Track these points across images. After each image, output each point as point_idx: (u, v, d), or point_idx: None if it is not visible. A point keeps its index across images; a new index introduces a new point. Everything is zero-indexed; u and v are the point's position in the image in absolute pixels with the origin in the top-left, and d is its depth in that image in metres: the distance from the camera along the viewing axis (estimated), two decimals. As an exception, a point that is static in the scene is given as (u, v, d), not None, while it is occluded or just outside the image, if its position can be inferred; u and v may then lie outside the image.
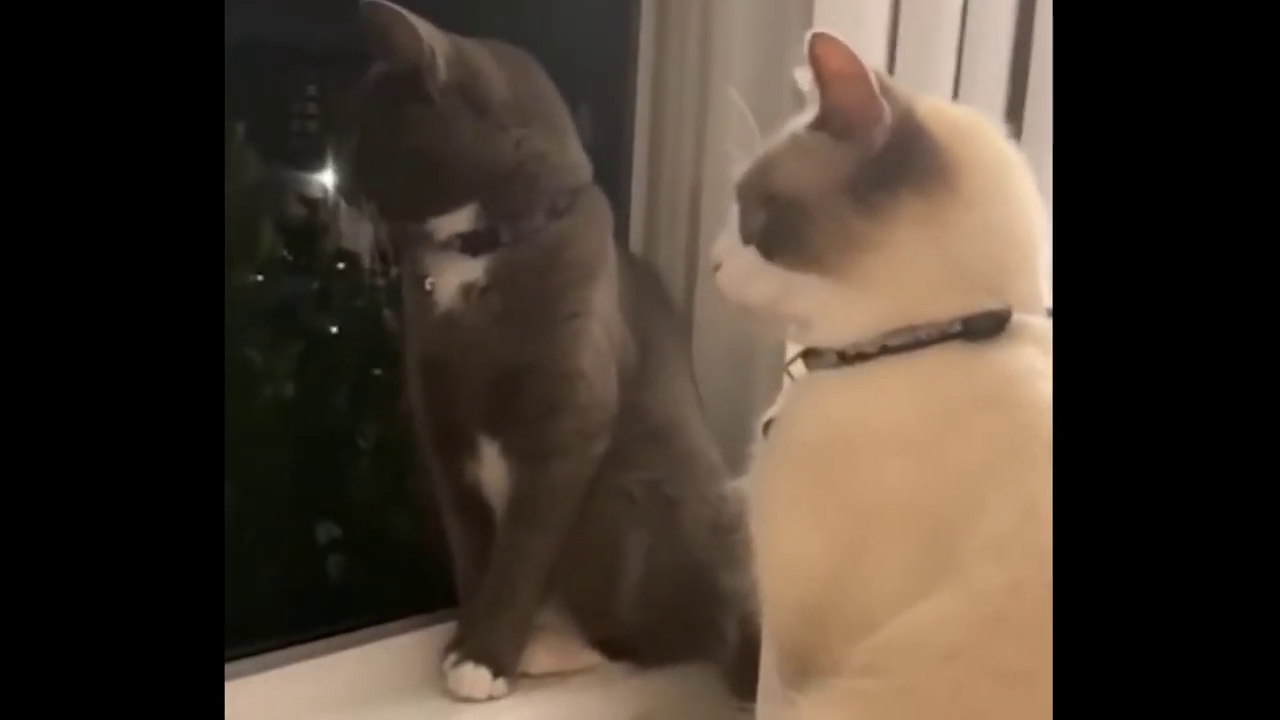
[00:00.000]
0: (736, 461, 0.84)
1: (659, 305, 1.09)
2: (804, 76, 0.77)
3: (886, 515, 0.73)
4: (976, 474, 0.70)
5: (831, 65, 0.73)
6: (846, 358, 0.75)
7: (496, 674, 0.98)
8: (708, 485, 1.02)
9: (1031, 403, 0.69)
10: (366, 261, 1.13)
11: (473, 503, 1.03)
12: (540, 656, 1.03)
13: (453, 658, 0.99)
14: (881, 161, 0.73)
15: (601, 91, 1.05)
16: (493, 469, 1.01)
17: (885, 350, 0.74)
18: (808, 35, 0.72)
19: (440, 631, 1.07)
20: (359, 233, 1.17)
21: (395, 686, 1.03)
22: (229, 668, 0.98)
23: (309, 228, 1.23)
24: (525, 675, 1.02)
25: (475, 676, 0.98)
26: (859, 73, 0.72)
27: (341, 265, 1.22)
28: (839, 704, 0.72)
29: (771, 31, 1.11)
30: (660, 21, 1.19)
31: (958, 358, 0.72)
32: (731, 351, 1.13)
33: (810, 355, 0.78)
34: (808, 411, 0.78)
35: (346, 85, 0.98)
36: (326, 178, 1.20)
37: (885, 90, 0.73)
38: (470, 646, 0.99)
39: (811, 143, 0.75)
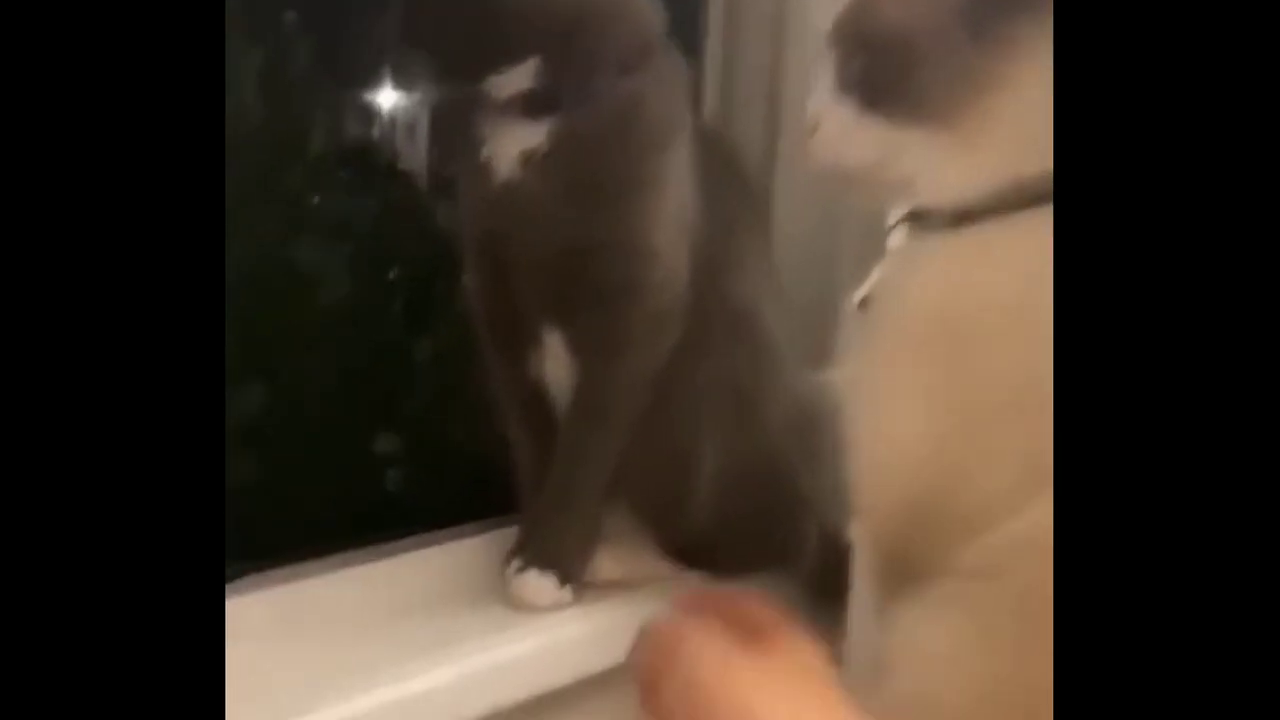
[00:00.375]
0: (820, 354, 0.77)
1: (734, 181, 1.00)
2: None
3: (1008, 397, 0.66)
4: None
5: None
6: (960, 218, 0.67)
7: (562, 581, 0.93)
8: (788, 379, 0.95)
9: None
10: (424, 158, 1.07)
11: (535, 402, 0.97)
12: (608, 565, 0.98)
13: (515, 564, 0.94)
14: None
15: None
16: (557, 363, 0.95)
17: (1006, 207, 0.66)
18: None
19: (502, 537, 1.02)
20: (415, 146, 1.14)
21: (456, 594, 0.98)
22: (284, 572, 0.95)
23: (367, 144, 1.20)
24: (592, 585, 0.96)
25: (539, 584, 0.93)
26: None
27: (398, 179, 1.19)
28: (948, 607, 0.67)
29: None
30: None
31: None
32: (815, 233, 1.05)
33: (915, 220, 0.71)
34: (916, 283, 0.70)
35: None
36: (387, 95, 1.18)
37: None
38: (533, 552, 0.94)
39: None
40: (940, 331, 0.69)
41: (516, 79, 0.88)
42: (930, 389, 0.69)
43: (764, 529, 0.98)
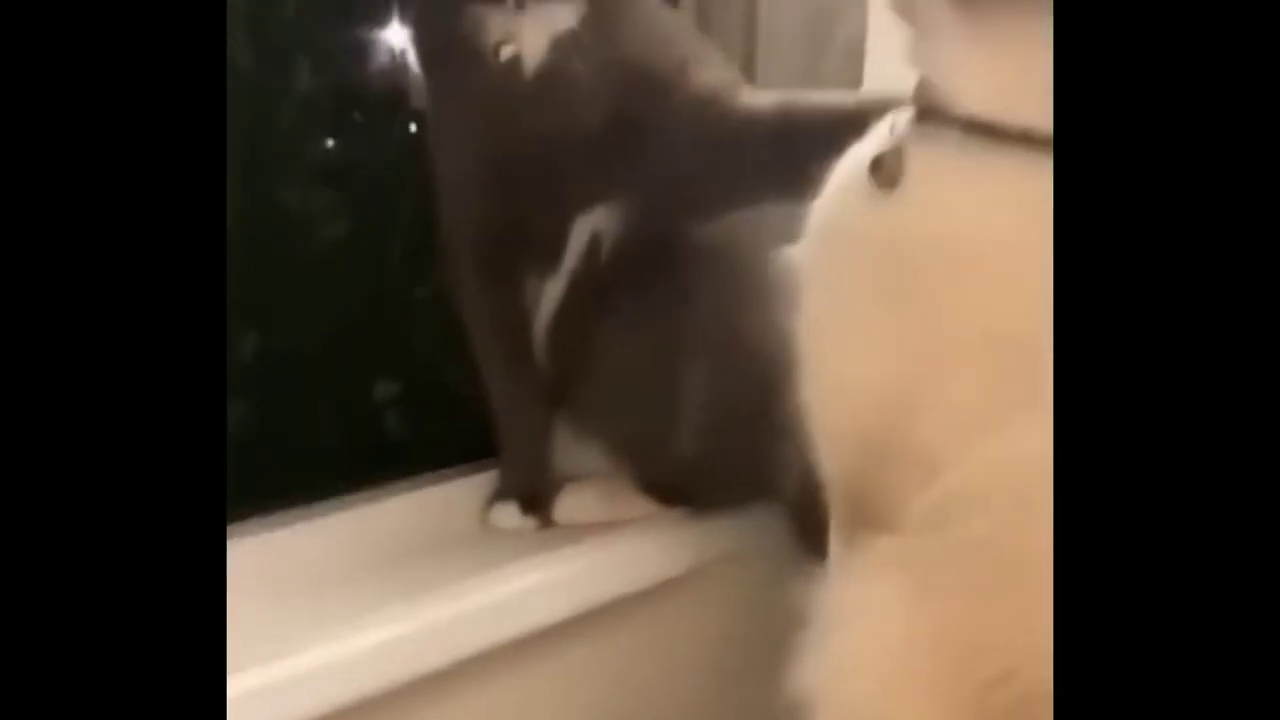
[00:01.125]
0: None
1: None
2: None
3: (964, 340, 0.64)
4: None
5: None
6: (971, 128, 0.64)
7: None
8: (768, 314, 0.94)
9: None
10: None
11: (520, 339, 0.99)
12: (589, 505, 0.99)
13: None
14: None
15: None
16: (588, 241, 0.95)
17: (1015, 141, 0.62)
18: None
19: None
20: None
21: (444, 533, 1.01)
22: (281, 516, 0.97)
23: (364, 83, 1.17)
24: (574, 524, 0.98)
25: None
26: None
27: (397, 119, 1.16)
28: (894, 566, 0.66)
29: None
30: None
31: None
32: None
33: (927, 113, 0.67)
34: (919, 198, 0.66)
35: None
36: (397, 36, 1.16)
37: None
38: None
39: None
40: (926, 263, 0.65)
41: None
42: (886, 325, 0.67)
43: (747, 462, 0.97)
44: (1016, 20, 0.61)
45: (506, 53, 0.89)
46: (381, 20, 1.15)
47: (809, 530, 0.94)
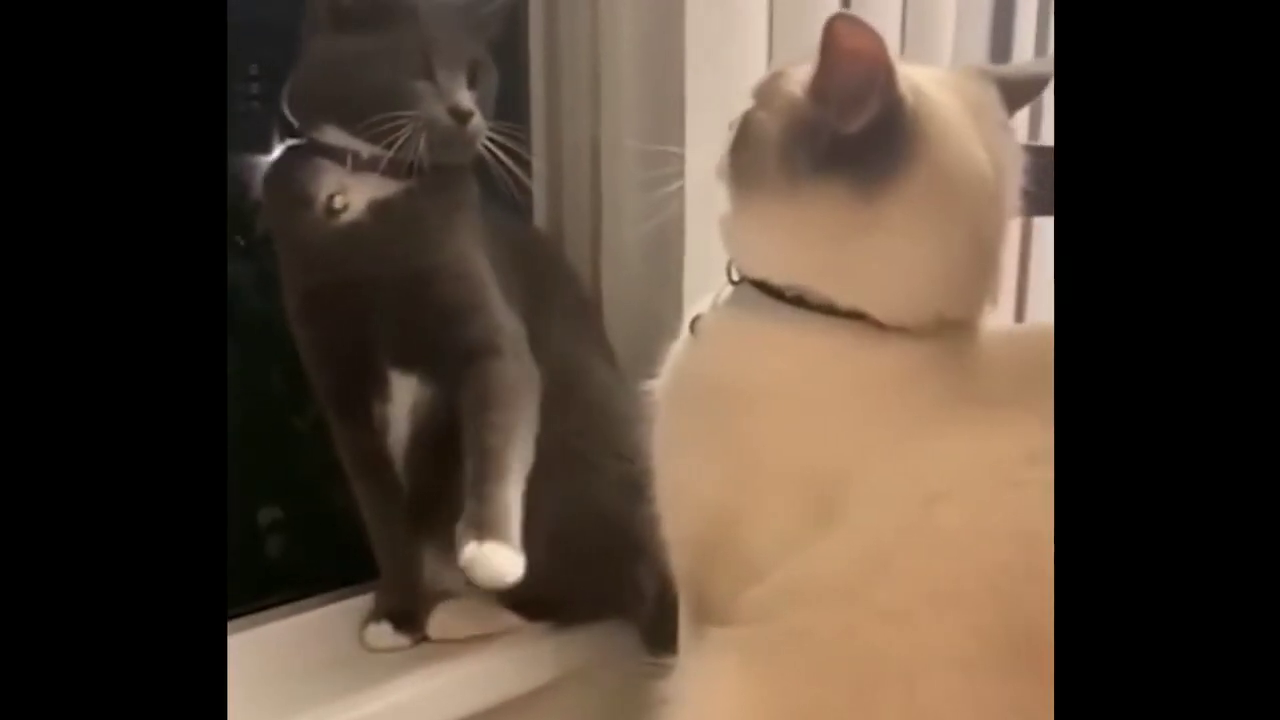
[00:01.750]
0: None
1: (550, 266, 1.12)
2: None
3: (767, 466, 0.75)
4: (857, 431, 0.72)
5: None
6: (769, 291, 0.76)
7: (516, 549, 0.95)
8: (620, 438, 1.01)
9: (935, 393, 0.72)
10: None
11: (379, 462, 1.04)
12: (456, 621, 1.04)
13: (468, 545, 0.93)
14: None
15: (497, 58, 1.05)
16: (402, 407, 1.02)
17: (800, 302, 0.74)
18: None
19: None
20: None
21: (323, 655, 1.04)
22: None
23: (246, 208, 1.20)
24: (443, 640, 1.03)
25: (502, 554, 0.93)
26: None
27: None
28: (729, 652, 0.74)
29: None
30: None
31: (866, 334, 0.73)
32: (640, 318, 1.13)
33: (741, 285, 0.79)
34: (715, 347, 0.79)
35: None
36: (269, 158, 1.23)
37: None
38: (478, 527, 0.94)
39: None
40: (726, 400, 0.77)
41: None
42: (711, 444, 0.77)
43: (602, 579, 1.05)
44: (776, 207, 0.74)
45: (339, 202, 0.99)
46: (263, 148, 1.23)
47: (666, 631, 1.01)
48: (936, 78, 0.76)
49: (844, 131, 0.70)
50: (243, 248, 1.23)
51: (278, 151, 1.05)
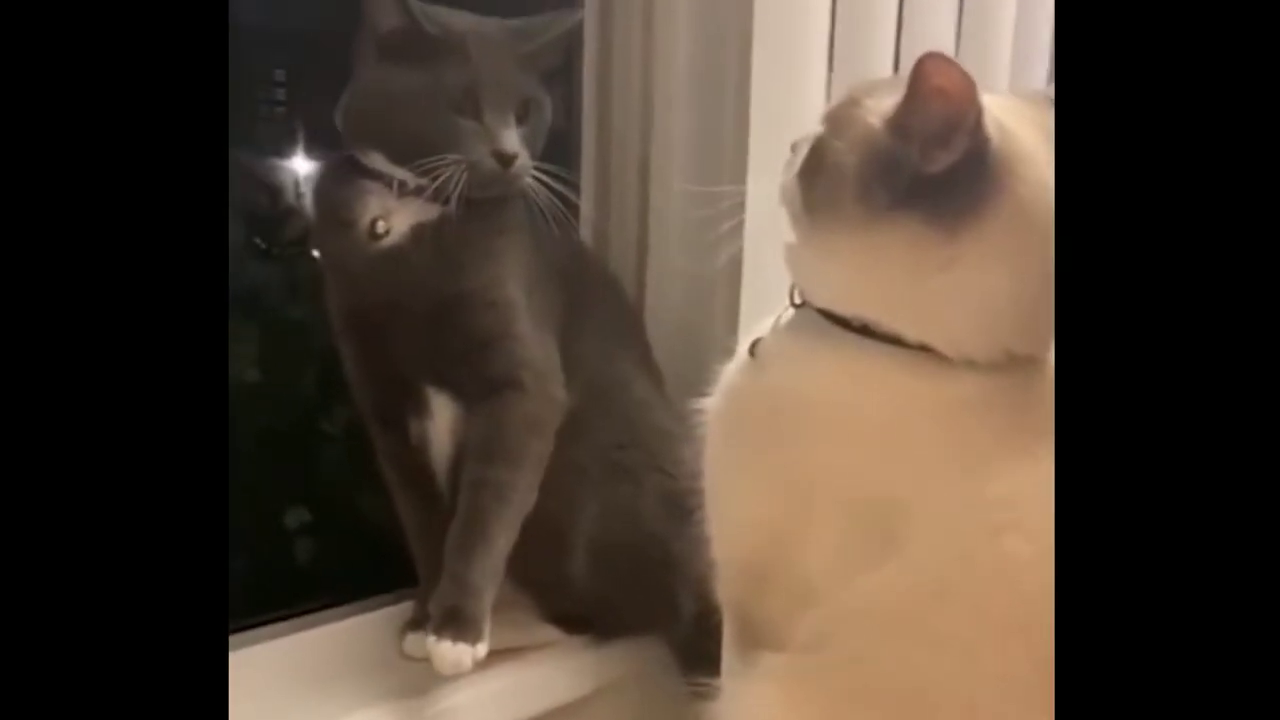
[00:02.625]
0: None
1: (598, 280, 1.11)
2: None
3: (825, 492, 0.75)
4: (920, 462, 0.72)
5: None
6: (833, 319, 0.76)
7: (474, 640, 0.97)
8: (662, 452, 1.02)
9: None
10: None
11: (419, 473, 1.04)
12: (498, 632, 1.04)
13: (429, 636, 0.97)
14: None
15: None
16: (443, 423, 1.02)
17: (866, 331, 0.75)
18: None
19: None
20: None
21: (361, 661, 1.05)
22: None
23: (275, 214, 1.24)
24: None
25: (456, 652, 0.95)
26: None
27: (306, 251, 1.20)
28: (782, 680, 0.75)
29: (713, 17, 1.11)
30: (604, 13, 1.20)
31: (933, 365, 0.73)
32: (685, 334, 1.14)
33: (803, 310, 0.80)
34: (777, 372, 0.79)
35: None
36: (296, 163, 1.23)
37: None
38: (440, 617, 0.97)
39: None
40: (788, 424, 0.77)
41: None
42: (765, 470, 0.78)
43: (641, 595, 1.05)
44: (850, 239, 0.74)
45: (382, 227, 0.99)
46: (289, 154, 1.22)
47: (702, 651, 1.02)
48: (1015, 109, 0.75)
49: (927, 171, 0.70)
50: (272, 253, 1.24)
51: (326, 162, 1.05)
